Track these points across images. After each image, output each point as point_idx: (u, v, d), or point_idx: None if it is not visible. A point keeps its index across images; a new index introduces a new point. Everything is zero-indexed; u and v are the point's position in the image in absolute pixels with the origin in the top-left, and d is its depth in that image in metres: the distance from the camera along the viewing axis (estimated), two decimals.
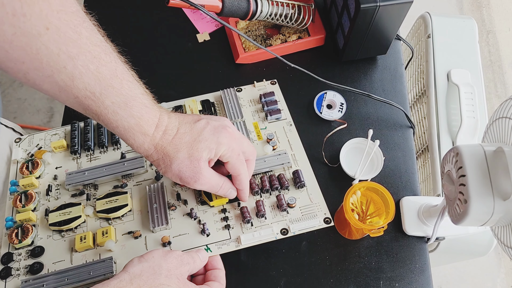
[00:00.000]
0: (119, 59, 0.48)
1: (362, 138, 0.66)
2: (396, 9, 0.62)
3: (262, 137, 0.63)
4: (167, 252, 0.48)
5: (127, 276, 0.43)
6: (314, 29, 0.73)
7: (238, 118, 0.64)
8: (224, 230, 0.55)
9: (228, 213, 0.56)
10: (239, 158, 0.52)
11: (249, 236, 0.54)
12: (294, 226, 0.55)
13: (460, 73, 0.84)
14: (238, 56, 0.72)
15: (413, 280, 0.59)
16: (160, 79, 0.72)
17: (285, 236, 0.54)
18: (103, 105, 0.44)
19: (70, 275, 0.51)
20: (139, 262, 0.45)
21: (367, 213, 0.58)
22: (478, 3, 1.86)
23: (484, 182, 0.44)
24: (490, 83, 1.71)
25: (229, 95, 0.66)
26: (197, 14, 0.78)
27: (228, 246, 0.54)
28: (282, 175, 0.59)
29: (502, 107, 0.47)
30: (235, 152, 0.51)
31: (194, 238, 0.54)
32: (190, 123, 0.50)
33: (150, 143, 0.48)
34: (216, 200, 0.56)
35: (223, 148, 0.50)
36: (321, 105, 0.70)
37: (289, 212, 0.56)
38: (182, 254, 0.48)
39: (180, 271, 0.47)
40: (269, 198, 0.58)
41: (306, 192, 0.58)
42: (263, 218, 0.56)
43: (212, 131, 0.50)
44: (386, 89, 0.72)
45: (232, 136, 0.51)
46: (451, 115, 0.82)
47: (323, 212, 0.56)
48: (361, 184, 0.57)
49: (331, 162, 0.66)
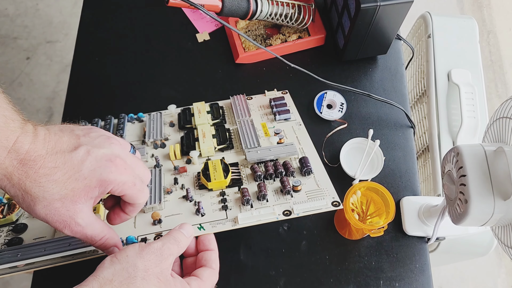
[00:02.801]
0: None
1: (362, 138, 0.66)
2: (397, 9, 0.61)
3: (269, 133, 0.62)
4: (144, 247, 0.41)
5: (96, 283, 0.37)
6: (314, 29, 0.73)
7: (245, 117, 0.64)
8: (221, 211, 0.51)
9: (227, 196, 0.53)
10: (135, 188, 0.43)
11: (248, 215, 0.50)
12: (298, 207, 0.51)
13: (460, 73, 0.84)
14: (238, 56, 0.72)
15: (413, 280, 0.59)
16: (159, 79, 0.72)
17: (288, 217, 0.50)
18: None
19: (48, 246, 0.48)
20: (111, 264, 0.38)
21: (367, 213, 0.58)
22: (478, 3, 1.86)
23: (484, 182, 0.44)
24: (491, 83, 1.71)
25: (239, 100, 0.67)
26: (197, 14, 0.78)
27: (224, 225, 0.49)
28: (287, 162, 0.57)
29: (502, 107, 0.47)
30: (127, 185, 0.42)
31: (187, 218, 0.51)
32: (63, 153, 0.39)
33: (0, 173, 0.37)
34: (215, 181, 0.53)
35: (110, 186, 0.41)
36: (321, 105, 0.69)
37: (293, 196, 0.52)
38: (162, 245, 0.42)
39: (160, 268, 0.40)
40: (272, 184, 0.55)
41: (314, 178, 0.55)
42: (265, 201, 0.52)
43: (94, 166, 0.40)
44: (386, 89, 0.72)
45: (121, 168, 0.42)
46: (451, 115, 0.82)
47: (331, 196, 0.52)
48: (361, 184, 0.57)
49: (331, 162, 0.66)
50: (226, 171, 0.55)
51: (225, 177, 0.54)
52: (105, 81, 0.72)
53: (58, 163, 0.39)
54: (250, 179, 0.56)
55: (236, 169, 0.57)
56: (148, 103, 0.70)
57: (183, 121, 0.65)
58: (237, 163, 0.58)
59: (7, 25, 1.69)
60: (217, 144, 0.61)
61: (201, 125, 0.63)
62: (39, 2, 1.73)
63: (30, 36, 1.68)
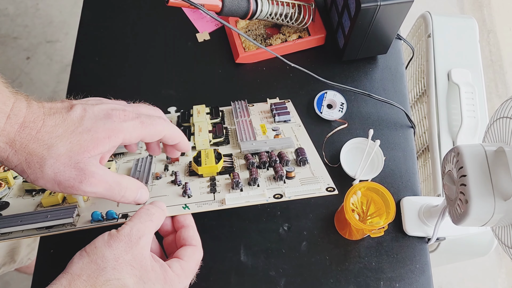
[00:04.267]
0: None
1: (362, 138, 0.66)
2: (397, 9, 0.61)
3: (267, 132, 0.62)
4: (112, 235, 0.38)
5: (65, 280, 0.35)
6: (315, 29, 0.73)
7: (244, 117, 0.63)
8: (209, 194, 0.49)
9: (217, 182, 0.51)
10: (145, 125, 0.41)
11: (236, 195, 0.48)
12: (290, 190, 0.48)
13: (460, 73, 0.84)
14: (238, 55, 0.72)
15: (413, 280, 0.59)
16: (159, 79, 0.72)
17: (278, 200, 0.47)
18: None
19: (25, 217, 0.46)
20: (80, 258, 0.37)
21: (368, 213, 0.58)
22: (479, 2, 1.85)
23: (484, 182, 0.44)
24: (491, 82, 1.71)
25: (239, 104, 0.67)
26: (197, 14, 0.78)
27: (210, 206, 0.47)
28: (283, 152, 0.55)
29: (503, 107, 0.47)
30: (137, 127, 0.41)
31: (173, 199, 0.49)
32: (60, 113, 0.39)
33: (1, 141, 0.36)
34: (206, 166, 0.51)
35: (120, 135, 0.39)
36: (321, 105, 0.69)
37: (286, 182, 0.50)
38: (130, 228, 0.39)
39: (132, 255, 0.38)
40: (265, 172, 0.53)
41: (309, 168, 0.53)
42: (256, 186, 0.50)
43: (94, 119, 0.39)
44: (386, 89, 0.72)
45: (121, 115, 0.41)
46: (451, 114, 0.82)
47: (326, 183, 0.50)
48: (362, 184, 0.57)
49: (332, 162, 0.66)
50: (218, 158, 0.54)
51: (217, 163, 0.53)
52: (105, 81, 0.72)
53: (57, 121, 0.38)
54: (243, 168, 0.55)
55: (229, 158, 0.56)
56: (148, 102, 0.70)
57: (181, 120, 0.65)
58: (231, 154, 0.58)
59: (7, 25, 1.69)
60: (212, 138, 0.60)
61: (199, 122, 0.63)
62: (39, 2, 1.73)
63: (30, 36, 1.68)
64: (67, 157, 0.37)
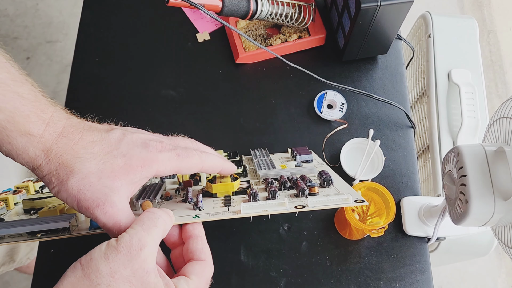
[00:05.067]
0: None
1: (362, 138, 0.66)
2: (397, 9, 0.61)
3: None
4: (111, 245, 0.34)
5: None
6: (315, 29, 0.73)
7: (264, 157, 0.60)
8: (222, 208, 0.45)
9: (233, 200, 0.47)
10: (181, 157, 0.40)
11: (252, 204, 0.43)
12: (313, 200, 0.44)
13: (460, 73, 0.84)
14: (238, 56, 0.72)
15: (413, 280, 0.59)
16: (159, 79, 0.72)
17: (300, 210, 0.43)
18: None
19: (17, 222, 0.43)
20: (73, 271, 0.33)
21: (368, 213, 0.58)
22: (479, 2, 1.85)
23: (485, 182, 0.44)
24: (491, 83, 1.71)
25: (259, 152, 0.64)
26: (197, 14, 0.78)
27: (223, 215, 0.42)
28: (304, 175, 0.51)
29: (503, 107, 0.47)
30: (172, 159, 0.39)
31: (182, 212, 0.44)
32: (100, 131, 0.38)
33: (37, 148, 0.35)
34: (221, 184, 0.47)
35: (154, 166, 0.38)
36: (321, 105, 0.69)
37: (308, 198, 0.45)
38: (130, 238, 0.34)
39: (131, 269, 0.33)
40: (286, 192, 0.48)
41: (334, 189, 0.49)
42: (274, 200, 0.45)
43: (131, 145, 0.38)
44: (386, 89, 0.72)
45: (158, 147, 0.39)
46: (451, 115, 0.82)
47: (354, 196, 0.45)
48: (362, 184, 0.57)
49: (332, 162, 0.66)
50: (234, 179, 0.50)
51: (233, 181, 0.49)
52: (105, 81, 0.72)
53: (95, 138, 0.37)
54: (261, 191, 0.49)
55: (246, 181, 0.53)
56: (148, 103, 0.70)
57: None
58: (249, 181, 0.54)
59: (7, 25, 1.69)
60: None
61: None
62: (39, 2, 1.73)
63: (30, 36, 1.68)
64: (97, 177, 0.35)
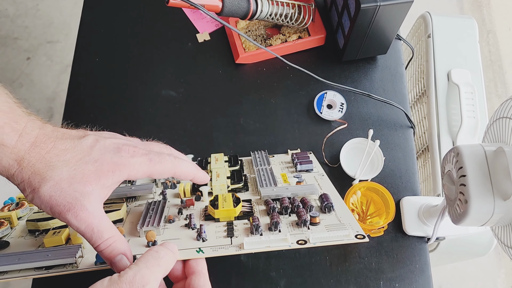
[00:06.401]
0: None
1: (362, 138, 0.66)
2: (397, 9, 0.61)
3: (288, 182, 0.58)
4: (114, 281, 0.35)
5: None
6: (314, 29, 0.73)
7: (264, 166, 0.60)
8: (225, 238, 0.46)
9: (235, 226, 0.48)
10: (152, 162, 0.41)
11: (255, 239, 0.44)
12: (315, 236, 0.44)
13: (460, 73, 0.84)
14: (238, 56, 0.72)
15: (413, 280, 0.59)
16: (159, 79, 0.72)
17: (302, 246, 0.43)
18: None
19: (23, 256, 0.43)
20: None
21: (367, 213, 0.58)
22: (478, 2, 1.86)
23: (484, 182, 0.44)
24: (491, 83, 1.71)
25: (259, 153, 0.64)
26: (197, 14, 0.78)
27: (227, 250, 0.44)
28: (306, 198, 0.52)
29: (502, 107, 0.47)
30: (144, 164, 0.40)
31: (186, 243, 0.46)
32: (73, 139, 0.39)
33: (10, 158, 0.36)
34: (223, 209, 0.48)
35: (125, 170, 0.39)
36: (321, 105, 0.70)
37: (310, 228, 0.46)
38: (134, 274, 0.35)
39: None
40: (287, 218, 0.49)
41: (335, 215, 0.49)
42: (277, 231, 0.46)
43: (103, 151, 0.39)
44: (386, 89, 0.72)
45: (131, 151, 0.40)
46: (451, 115, 0.82)
47: (355, 230, 0.45)
48: (361, 184, 0.57)
49: (331, 162, 0.66)
50: (236, 202, 0.51)
51: (235, 207, 0.50)
52: (106, 81, 0.73)
53: (67, 146, 0.38)
54: (263, 214, 0.50)
55: (248, 204, 0.53)
56: (148, 103, 0.70)
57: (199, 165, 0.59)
58: (250, 200, 0.54)
59: (7, 26, 1.69)
60: (230, 183, 0.57)
61: (216, 169, 0.60)
62: (39, 3, 1.73)
63: (31, 37, 1.68)
64: (67, 183, 0.36)
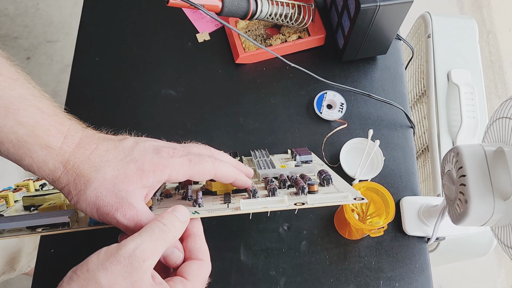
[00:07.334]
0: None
1: (362, 138, 0.66)
2: (396, 9, 0.61)
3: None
4: (111, 254, 0.33)
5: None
6: (314, 29, 0.73)
7: (264, 157, 0.60)
8: (222, 204, 0.45)
9: (233, 197, 0.47)
10: (193, 163, 0.40)
11: (252, 201, 0.43)
12: (312, 197, 0.44)
13: (460, 73, 0.84)
14: (238, 56, 0.72)
15: (413, 280, 0.59)
16: (159, 79, 0.72)
17: (299, 207, 0.43)
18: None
19: (16, 217, 0.43)
20: (68, 283, 0.32)
21: (367, 213, 0.58)
22: (478, 3, 1.86)
23: (484, 182, 0.44)
24: (491, 83, 1.71)
25: (259, 152, 0.64)
26: (197, 14, 0.78)
27: (223, 211, 0.43)
28: (304, 174, 0.52)
29: (502, 107, 0.47)
30: (184, 165, 0.40)
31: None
32: (114, 141, 0.40)
33: (56, 160, 0.37)
34: (219, 182, 0.47)
35: (166, 171, 0.39)
36: (321, 105, 0.70)
37: (307, 195, 0.47)
38: (135, 248, 0.33)
39: (130, 281, 0.32)
40: (285, 190, 0.49)
41: (334, 187, 0.49)
42: (274, 197, 0.46)
43: (143, 152, 0.39)
44: (386, 89, 0.72)
45: (170, 152, 0.40)
46: (451, 115, 0.82)
47: (354, 194, 0.46)
48: (361, 184, 0.57)
49: (331, 162, 0.66)
50: None
51: None
52: (106, 81, 0.73)
53: (109, 147, 0.39)
54: (260, 190, 0.50)
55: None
56: (148, 103, 0.70)
57: None
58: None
59: (7, 25, 1.69)
60: None
61: None
62: (39, 2, 1.73)
63: (31, 36, 1.68)
64: (112, 183, 0.37)
